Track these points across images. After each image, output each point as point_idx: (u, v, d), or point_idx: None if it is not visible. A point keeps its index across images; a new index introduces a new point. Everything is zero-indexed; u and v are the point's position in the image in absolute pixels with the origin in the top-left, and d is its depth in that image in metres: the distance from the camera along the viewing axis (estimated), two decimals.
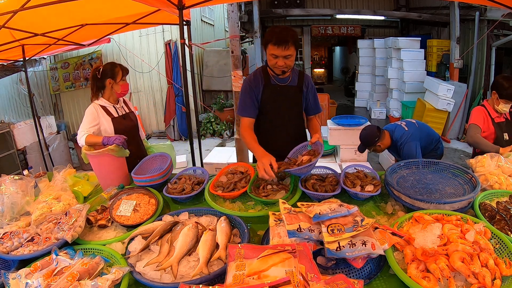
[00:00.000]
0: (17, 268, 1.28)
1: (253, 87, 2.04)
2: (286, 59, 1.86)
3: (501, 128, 2.52)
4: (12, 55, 4.31)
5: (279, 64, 1.88)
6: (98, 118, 2.24)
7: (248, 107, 2.05)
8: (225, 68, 8.07)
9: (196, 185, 1.89)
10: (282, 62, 1.87)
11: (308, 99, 2.16)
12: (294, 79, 2.08)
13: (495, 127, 2.52)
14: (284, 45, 1.81)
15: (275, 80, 2.04)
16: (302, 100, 2.14)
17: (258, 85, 2.04)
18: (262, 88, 2.05)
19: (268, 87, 2.05)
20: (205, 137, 7.68)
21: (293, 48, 1.84)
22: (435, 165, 1.82)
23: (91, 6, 2.96)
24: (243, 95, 2.07)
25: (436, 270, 1.06)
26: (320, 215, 1.23)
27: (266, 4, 8.25)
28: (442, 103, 6.10)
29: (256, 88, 2.04)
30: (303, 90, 2.11)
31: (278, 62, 1.87)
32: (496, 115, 2.53)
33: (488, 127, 2.53)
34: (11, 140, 5.14)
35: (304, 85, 2.11)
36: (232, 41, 4.09)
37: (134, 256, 1.28)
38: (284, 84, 2.06)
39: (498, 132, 2.52)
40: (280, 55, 1.85)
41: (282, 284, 0.89)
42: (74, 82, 7.79)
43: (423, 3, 8.07)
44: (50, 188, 1.85)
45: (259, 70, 2.08)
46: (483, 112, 2.56)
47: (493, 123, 2.52)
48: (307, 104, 2.18)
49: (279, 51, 1.83)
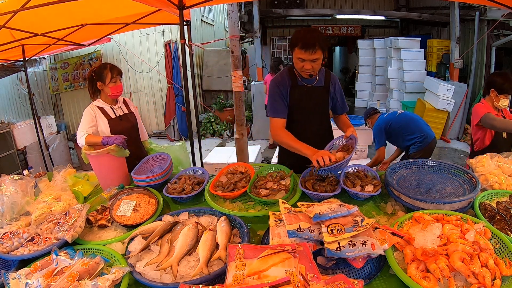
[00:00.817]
0: (17, 268, 1.28)
1: (281, 88, 2.01)
2: (313, 62, 1.83)
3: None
4: (12, 55, 4.31)
5: (306, 67, 1.86)
6: (95, 119, 2.24)
7: (279, 107, 2.02)
8: (225, 68, 8.07)
9: (196, 185, 1.89)
10: (309, 66, 1.85)
11: (336, 98, 2.14)
12: (321, 79, 2.06)
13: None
14: (311, 49, 1.78)
15: (302, 81, 2.02)
16: (329, 100, 2.11)
17: (285, 86, 2.02)
18: (289, 89, 2.02)
19: (295, 88, 2.02)
20: (205, 137, 7.68)
21: (320, 52, 1.81)
22: (435, 165, 1.82)
23: (91, 6, 2.96)
24: (272, 97, 2.03)
25: (436, 270, 1.06)
26: (320, 215, 1.23)
27: (266, 4, 8.24)
28: (442, 103, 6.10)
29: (284, 89, 2.02)
30: (330, 90, 2.08)
31: (305, 65, 1.85)
32: (495, 113, 2.54)
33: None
34: (11, 140, 5.14)
35: (331, 85, 2.08)
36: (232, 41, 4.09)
37: (134, 256, 1.28)
38: (311, 85, 2.03)
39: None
40: (307, 59, 1.82)
41: (282, 284, 0.89)
42: (73, 82, 7.79)
43: (423, 3, 8.06)
44: (50, 188, 1.85)
45: (286, 71, 2.06)
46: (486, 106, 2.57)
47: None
48: (335, 104, 2.16)
49: (306, 55, 1.80)
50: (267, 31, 9.46)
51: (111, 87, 2.25)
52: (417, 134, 3.24)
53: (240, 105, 4.22)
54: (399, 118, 3.36)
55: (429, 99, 6.45)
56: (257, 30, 7.30)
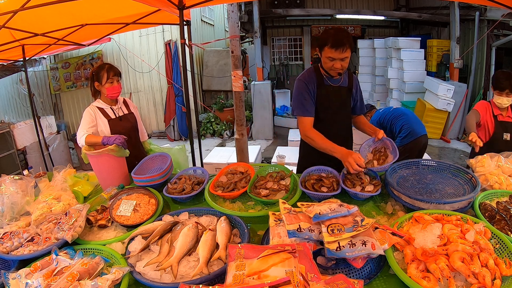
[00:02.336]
0: (17, 268, 1.28)
1: (308, 86, 2.02)
2: (342, 61, 1.86)
3: (504, 127, 2.52)
4: (12, 55, 4.31)
5: (336, 66, 1.88)
6: (95, 120, 2.25)
7: (308, 105, 2.01)
8: (225, 68, 8.07)
9: (196, 185, 1.88)
10: (339, 65, 1.87)
11: (356, 100, 2.17)
12: (345, 79, 2.08)
13: (496, 124, 2.52)
14: (342, 48, 1.80)
15: (328, 80, 2.05)
16: (351, 100, 2.15)
17: (312, 84, 2.03)
18: (316, 88, 2.04)
19: (322, 87, 2.04)
20: (205, 137, 7.68)
21: (349, 51, 1.84)
22: (435, 165, 1.82)
23: (91, 6, 2.96)
24: (300, 95, 2.02)
25: (436, 270, 1.06)
26: (320, 215, 1.23)
27: (266, 4, 8.25)
28: (442, 103, 6.10)
29: (311, 87, 2.03)
30: (353, 91, 2.12)
31: (334, 64, 1.87)
32: (499, 112, 2.54)
33: (487, 121, 2.56)
34: (11, 140, 5.14)
35: (353, 86, 2.12)
36: (232, 41, 4.09)
37: (134, 256, 1.28)
38: (336, 85, 2.06)
39: (499, 130, 2.52)
40: (337, 58, 1.84)
41: (282, 284, 0.89)
42: (75, 81, 7.80)
43: (423, 3, 8.06)
44: (50, 188, 1.85)
45: (312, 70, 2.08)
46: (486, 105, 2.60)
47: (495, 120, 2.53)
48: (355, 105, 2.19)
49: (336, 54, 1.83)
50: (267, 31, 9.47)
51: (107, 87, 2.25)
52: (403, 131, 3.32)
53: (240, 105, 4.22)
54: (391, 113, 3.47)
55: (429, 99, 6.45)
56: (257, 30, 7.30)
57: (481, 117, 2.56)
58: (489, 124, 2.57)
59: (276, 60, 9.76)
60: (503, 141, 2.52)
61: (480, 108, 2.59)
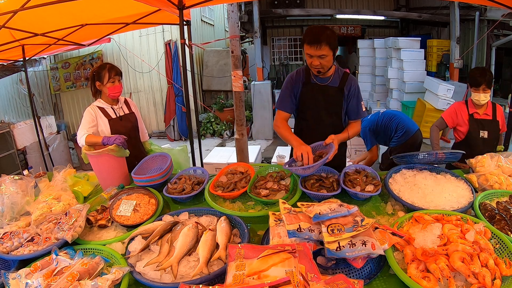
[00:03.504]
0: (17, 268, 1.28)
1: (293, 83, 2.09)
2: (321, 59, 1.86)
3: (479, 125, 2.52)
4: (12, 55, 4.31)
5: (314, 63, 1.89)
6: (96, 119, 2.25)
7: (285, 101, 2.11)
8: (225, 68, 8.07)
9: (196, 185, 1.88)
10: (317, 62, 1.87)
11: (349, 102, 2.09)
12: (335, 79, 2.06)
13: (471, 122, 2.52)
14: (316, 45, 1.81)
15: (315, 79, 2.05)
16: (343, 102, 2.08)
17: (298, 82, 2.08)
18: (301, 86, 2.07)
19: (307, 85, 2.07)
20: (205, 137, 7.68)
21: (327, 49, 1.83)
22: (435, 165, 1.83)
23: (91, 6, 2.96)
24: (283, 90, 2.13)
25: (436, 270, 1.06)
26: (320, 215, 1.23)
27: (266, 4, 8.25)
28: (442, 103, 6.09)
29: (296, 85, 2.08)
30: (345, 92, 2.06)
31: (313, 61, 1.89)
32: (475, 110, 2.53)
33: (462, 122, 2.58)
34: (11, 140, 5.14)
35: (346, 87, 2.05)
36: (232, 41, 4.09)
37: (134, 256, 1.28)
38: (324, 84, 2.06)
39: (474, 129, 2.52)
40: (314, 55, 1.86)
41: (282, 284, 0.89)
42: (75, 82, 7.80)
43: (423, 3, 8.07)
44: (50, 188, 1.85)
45: (302, 68, 2.11)
46: (459, 107, 2.61)
47: (469, 119, 2.53)
48: (348, 108, 2.11)
49: (312, 51, 1.84)
50: (267, 31, 9.47)
51: (109, 87, 2.25)
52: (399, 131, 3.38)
53: (240, 105, 4.23)
54: (382, 117, 3.50)
55: (429, 99, 6.44)
56: (257, 30, 7.30)
57: (451, 122, 2.62)
58: (464, 124, 2.57)
59: (276, 60, 9.76)
60: (480, 138, 2.53)
61: (448, 114, 2.64)
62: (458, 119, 2.60)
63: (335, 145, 1.79)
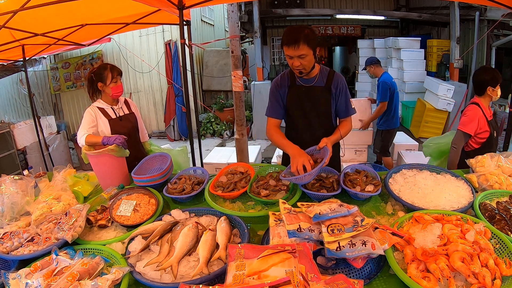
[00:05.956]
0: (17, 268, 1.28)
1: (278, 88, 2.06)
2: (301, 59, 1.82)
3: (493, 126, 2.50)
4: (12, 55, 4.31)
5: (295, 64, 1.86)
6: (96, 120, 2.25)
7: (274, 108, 2.08)
8: (225, 68, 8.07)
9: (196, 185, 1.88)
10: (298, 62, 1.84)
11: (338, 100, 2.05)
12: (321, 79, 2.02)
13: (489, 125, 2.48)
14: (294, 45, 1.78)
15: (300, 81, 2.02)
16: (331, 101, 2.05)
17: (284, 86, 2.05)
18: (287, 89, 2.04)
19: (293, 88, 2.04)
20: (205, 137, 7.68)
21: (306, 48, 1.79)
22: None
23: (91, 6, 2.96)
24: (270, 96, 2.10)
25: (436, 270, 1.06)
26: (320, 215, 1.23)
27: (266, 4, 8.25)
28: (442, 103, 6.10)
29: (282, 89, 2.05)
30: (332, 90, 2.02)
31: (294, 62, 1.85)
32: (489, 112, 2.50)
33: (484, 126, 2.42)
34: (11, 140, 5.14)
35: (333, 86, 2.01)
36: (232, 41, 4.09)
37: (134, 256, 1.28)
38: (309, 84, 2.02)
39: (491, 130, 2.48)
40: (293, 55, 1.82)
41: (282, 284, 0.89)
42: (75, 81, 7.81)
43: (423, 3, 8.07)
44: (50, 188, 1.85)
45: (287, 71, 2.07)
46: (477, 113, 2.41)
47: (487, 122, 2.49)
48: (337, 106, 2.07)
49: (291, 51, 1.81)
50: (267, 31, 9.47)
51: (112, 87, 2.26)
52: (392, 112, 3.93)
53: (240, 105, 4.22)
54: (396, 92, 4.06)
55: (429, 99, 6.45)
56: (257, 30, 7.30)
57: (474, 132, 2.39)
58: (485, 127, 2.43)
59: (276, 60, 9.76)
60: (495, 138, 2.51)
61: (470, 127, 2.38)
62: (479, 125, 2.41)
63: (329, 148, 1.75)
